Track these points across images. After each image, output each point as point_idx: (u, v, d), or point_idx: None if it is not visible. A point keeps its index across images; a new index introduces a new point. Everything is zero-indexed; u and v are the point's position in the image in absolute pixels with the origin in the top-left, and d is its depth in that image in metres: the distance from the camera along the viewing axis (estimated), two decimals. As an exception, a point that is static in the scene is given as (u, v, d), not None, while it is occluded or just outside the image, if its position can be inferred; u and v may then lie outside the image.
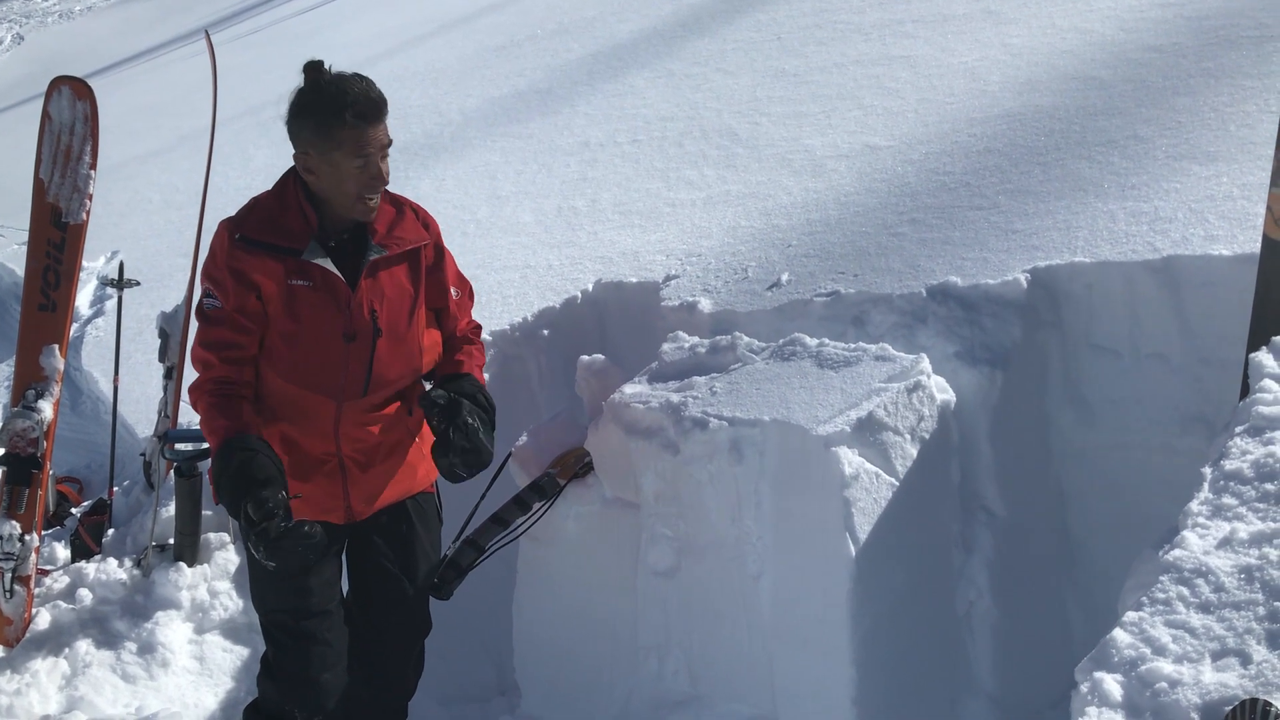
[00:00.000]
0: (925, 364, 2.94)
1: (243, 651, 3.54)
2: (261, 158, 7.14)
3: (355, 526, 2.72)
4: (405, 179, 5.70)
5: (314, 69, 2.47)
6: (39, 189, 3.82)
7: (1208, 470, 2.21)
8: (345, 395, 2.59)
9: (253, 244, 2.50)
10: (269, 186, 2.61)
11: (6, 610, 3.50)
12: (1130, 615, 1.94)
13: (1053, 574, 3.31)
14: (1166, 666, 1.82)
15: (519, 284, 4.44)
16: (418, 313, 2.65)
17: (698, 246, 4.22)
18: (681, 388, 3.04)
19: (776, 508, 2.75)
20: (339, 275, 2.53)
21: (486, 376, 2.93)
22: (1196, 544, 2.03)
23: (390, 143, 2.52)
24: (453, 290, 2.76)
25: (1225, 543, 2.01)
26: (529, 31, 7.90)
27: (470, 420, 2.55)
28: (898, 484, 2.77)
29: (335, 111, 2.42)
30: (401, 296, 2.61)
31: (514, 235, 4.92)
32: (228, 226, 2.54)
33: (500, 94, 6.87)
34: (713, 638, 2.89)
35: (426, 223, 2.69)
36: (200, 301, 2.56)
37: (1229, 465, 2.19)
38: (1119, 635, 1.90)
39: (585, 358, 3.33)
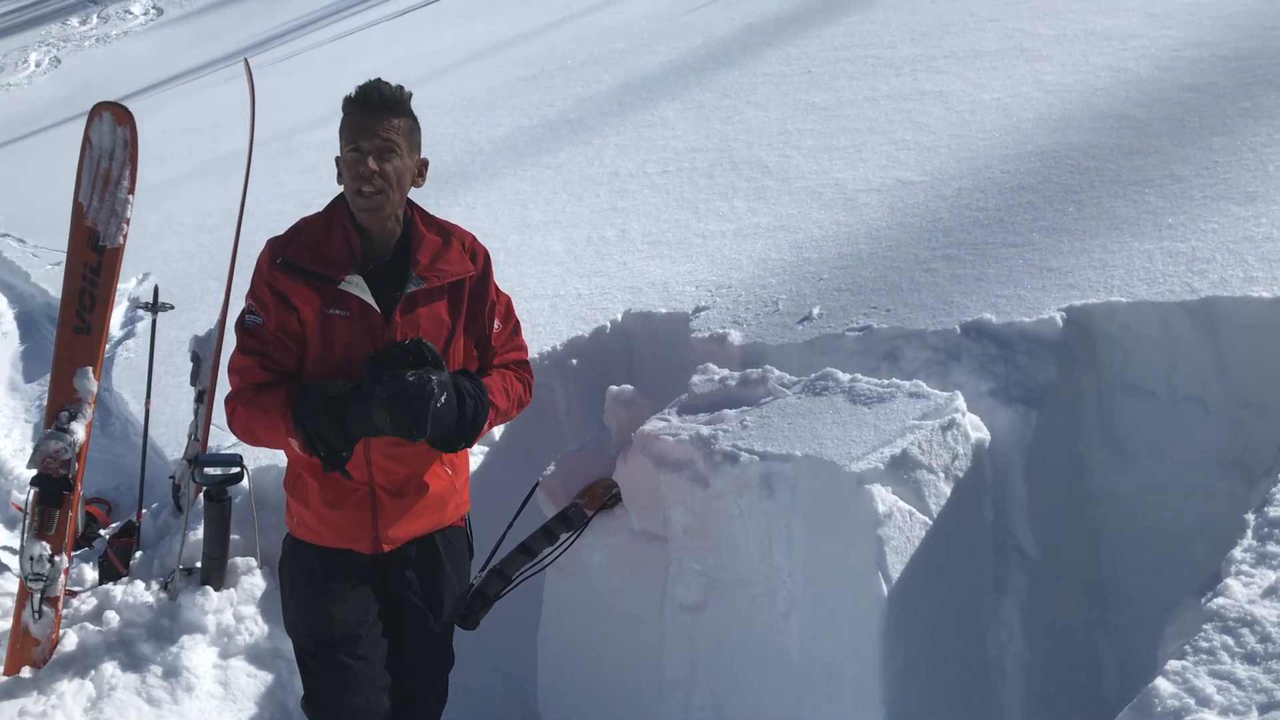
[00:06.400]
0: (960, 401, 2.92)
1: (267, 677, 3.53)
2: (293, 182, 7.17)
3: (383, 558, 2.68)
4: (435, 206, 5.67)
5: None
6: (78, 212, 3.86)
7: (1251, 517, 2.18)
8: None
9: (293, 269, 2.52)
10: (301, 211, 2.63)
11: (34, 631, 3.51)
12: (1173, 664, 1.90)
13: (1086, 617, 3.26)
14: (1211, 718, 1.78)
15: (548, 313, 4.44)
16: (453, 345, 2.62)
17: (727, 278, 4.21)
18: (711, 420, 3.03)
19: (807, 544, 2.72)
20: (375, 307, 2.52)
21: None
22: (1241, 592, 1.99)
23: (394, 147, 2.46)
24: (496, 323, 2.70)
25: (1270, 591, 1.98)
26: (559, 62, 7.95)
27: (405, 377, 2.33)
28: (931, 523, 2.74)
29: (344, 101, 2.50)
30: (439, 329, 2.59)
31: (543, 264, 4.93)
32: (272, 248, 2.57)
33: (530, 123, 6.91)
34: (740, 675, 2.86)
35: (474, 254, 2.66)
36: (242, 316, 2.58)
37: (1272, 512, 2.16)
38: (1161, 685, 1.86)
39: (614, 388, 3.32)
